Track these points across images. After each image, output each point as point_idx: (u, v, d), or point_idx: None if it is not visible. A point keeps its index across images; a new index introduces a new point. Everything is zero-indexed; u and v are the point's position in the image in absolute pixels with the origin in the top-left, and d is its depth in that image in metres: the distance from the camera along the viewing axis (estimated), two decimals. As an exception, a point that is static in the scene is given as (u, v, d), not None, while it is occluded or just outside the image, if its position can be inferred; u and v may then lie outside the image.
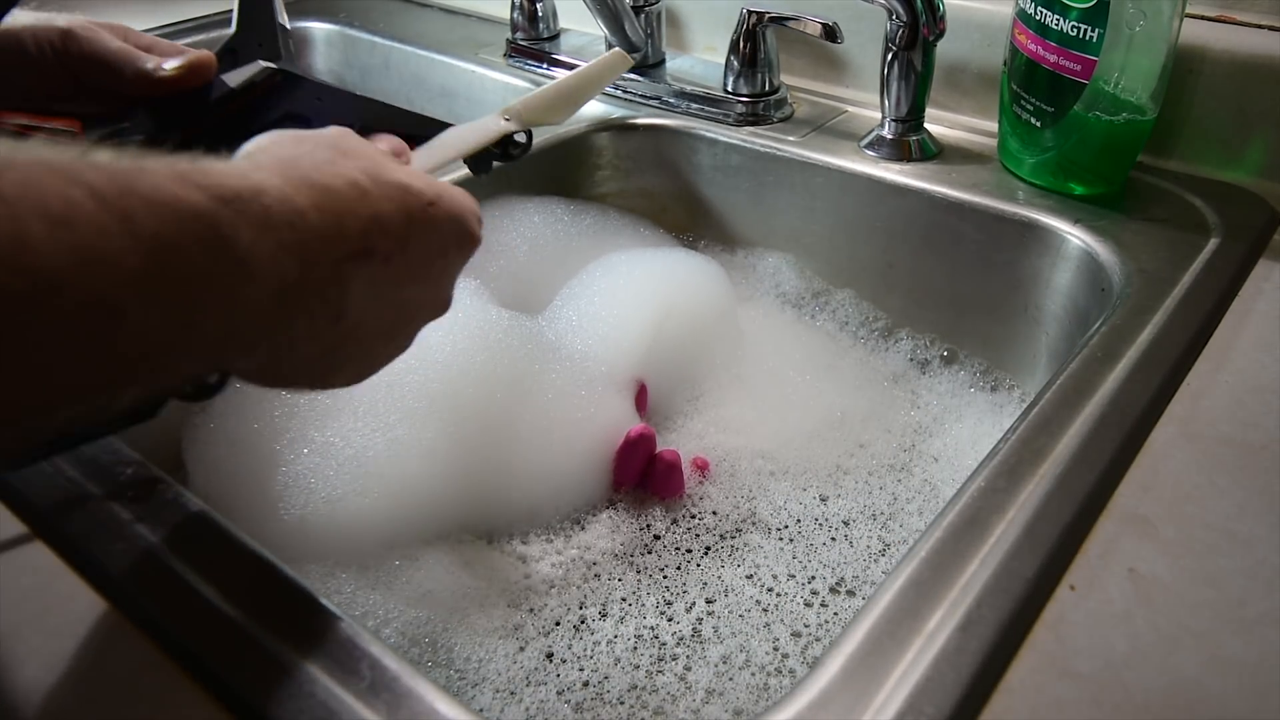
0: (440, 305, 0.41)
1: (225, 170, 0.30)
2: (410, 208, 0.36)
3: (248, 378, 0.35)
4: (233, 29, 0.52)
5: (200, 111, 0.48)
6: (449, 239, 0.39)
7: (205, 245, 0.28)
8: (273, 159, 0.34)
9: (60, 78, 0.48)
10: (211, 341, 0.29)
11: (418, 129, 0.50)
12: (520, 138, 0.51)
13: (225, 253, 0.28)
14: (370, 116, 0.49)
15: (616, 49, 0.53)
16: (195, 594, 0.37)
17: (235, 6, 0.53)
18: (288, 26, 0.53)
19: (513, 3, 0.92)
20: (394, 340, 0.40)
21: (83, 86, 0.48)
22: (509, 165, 0.52)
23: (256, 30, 0.52)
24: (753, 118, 0.79)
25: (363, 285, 0.34)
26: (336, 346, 0.35)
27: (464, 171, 0.50)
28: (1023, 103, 0.66)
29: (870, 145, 0.74)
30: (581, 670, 0.48)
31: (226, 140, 0.47)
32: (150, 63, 0.48)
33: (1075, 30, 0.61)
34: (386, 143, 0.44)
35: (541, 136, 0.78)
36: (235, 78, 0.48)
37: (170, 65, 0.48)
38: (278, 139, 0.36)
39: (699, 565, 0.55)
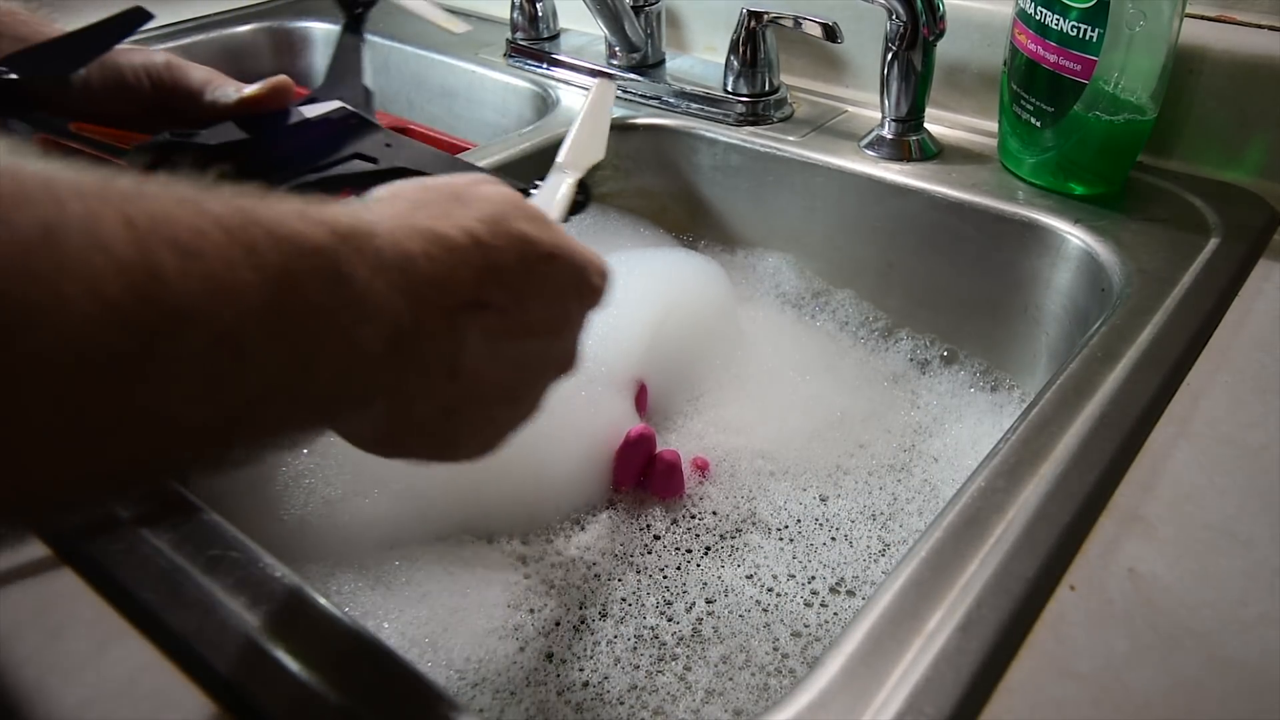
0: (565, 361, 0.39)
1: (339, 210, 0.30)
2: (528, 258, 0.35)
3: (363, 442, 0.34)
4: (321, 81, 0.54)
5: (273, 135, 0.48)
6: (569, 291, 0.37)
7: (325, 280, 0.28)
8: (388, 205, 0.33)
9: (149, 105, 0.50)
10: (326, 387, 0.29)
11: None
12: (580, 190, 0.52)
13: (343, 289, 0.28)
14: (436, 167, 0.50)
15: (600, 80, 0.54)
16: (195, 594, 0.37)
17: (329, 61, 0.56)
18: (373, 90, 0.55)
19: (513, 3, 0.92)
20: (518, 403, 0.38)
21: (168, 113, 0.49)
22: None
23: (342, 86, 0.54)
24: (753, 118, 0.79)
25: (477, 338, 0.33)
26: (455, 408, 0.34)
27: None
28: (1023, 103, 0.66)
29: (870, 145, 0.74)
30: (581, 670, 0.48)
31: (294, 167, 0.48)
32: (231, 87, 0.49)
33: (1075, 30, 0.61)
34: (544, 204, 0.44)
35: (542, 137, 0.78)
36: (312, 110, 0.49)
37: (250, 89, 0.49)
38: (400, 187, 0.36)
39: (699, 565, 0.55)
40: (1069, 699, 0.33)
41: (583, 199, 0.50)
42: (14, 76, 0.47)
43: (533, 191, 0.49)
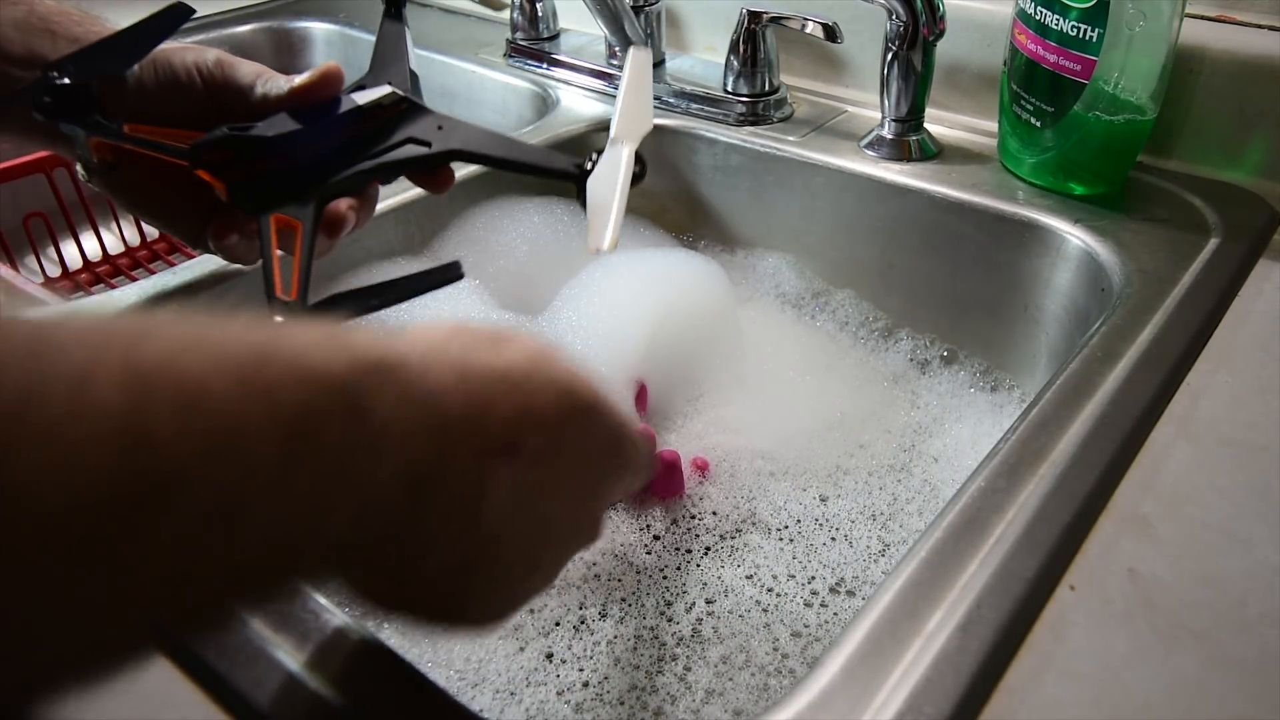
0: (589, 530, 0.37)
1: (367, 337, 0.28)
2: (567, 407, 0.32)
3: (368, 593, 0.31)
4: (367, 70, 0.54)
5: (327, 124, 0.48)
6: (605, 452, 0.35)
7: (345, 418, 0.25)
8: (422, 334, 0.31)
9: (202, 102, 0.49)
10: (336, 536, 0.26)
11: (544, 161, 0.50)
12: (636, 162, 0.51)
13: (364, 427, 0.26)
14: (492, 148, 0.50)
15: (634, 49, 0.53)
16: (195, 594, 0.37)
17: (373, 49, 0.56)
18: (418, 74, 0.54)
19: (513, 3, 0.92)
20: (536, 568, 0.35)
21: (220, 110, 0.49)
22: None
23: (388, 72, 0.54)
24: (753, 118, 0.79)
25: (505, 487, 0.30)
26: (470, 565, 0.31)
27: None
28: (1023, 103, 0.66)
29: (870, 145, 0.74)
30: (581, 670, 0.48)
31: (349, 155, 0.48)
32: (281, 80, 0.49)
33: (1075, 30, 0.61)
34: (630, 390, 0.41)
35: (542, 137, 0.78)
36: (363, 97, 0.49)
37: (300, 79, 0.49)
38: (434, 324, 0.33)
39: (699, 565, 0.55)
40: (1069, 699, 0.33)
41: (640, 170, 0.49)
42: (66, 81, 0.47)
43: (590, 166, 0.48)
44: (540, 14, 0.92)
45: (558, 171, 0.50)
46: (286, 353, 0.25)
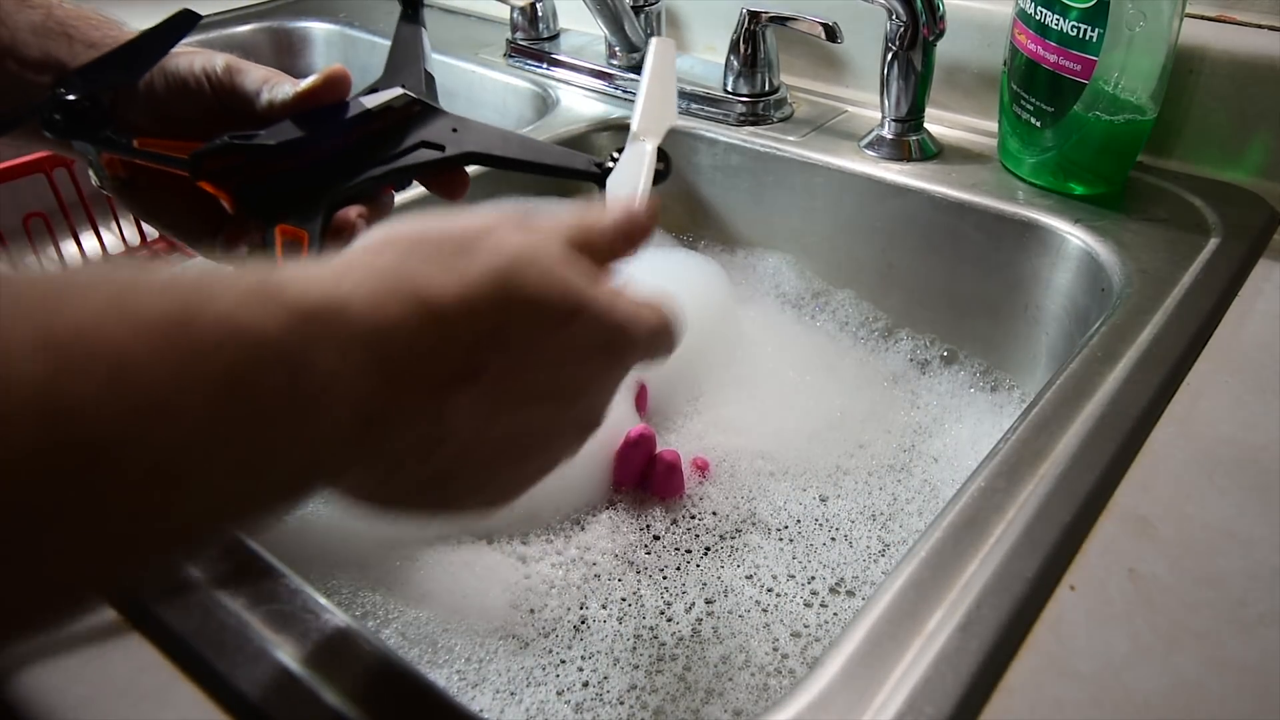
0: (585, 423, 0.36)
1: (309, 279, 0.27)
2: (537, 322, 0.31)
3: (344, 499, 0.31)
4: (381, 73, 0.53)
5: (334, 129, 0.47)
6: (591, 353, 0.33)
7: (282, 375, 0.25)
8: (372, 259, 0.29)
9: (211, 108, 0.49)
10: (291, 479, 0.26)
11: (564, 161, 0.49)
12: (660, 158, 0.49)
13: (303, 381, 0.25)
14: (509, 149, 0.49)
15: (656, 40, 0.51)
16: (196, 594, 0.37)
17: (389, 51, 0.54)
18: (434, 75, 0.53)
19: (513, 2, 0.92)
20: (525, 462, 0.34)
21: (228, 116, 0.49)
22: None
23: (403, 74, 0.52)
24: (753, 118, 0.79)
25: (467, 409, 0.30)
26: (448, 473, 0.31)
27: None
28: (1023, 103, 0.66)
29: (870, 145, 0.74)
30: (581, 670, 0.48)
31: (359, 160, 0.47)
32: (288, 84, 0.48)
33: (1075, 30, 0.61)
34: (622, 216, 0.37)
35: (542, 137, 0.78)
36: (372, 100, 0.48)
37: (305, 83, 0.47)
38: (394, 232, 0.31)
39: (699, 565, 0.55)
40: (1069, 699, 0.33)
41: (663, 167, 0.48)
42: (74, 98, 0.46)
43: (610, 165, 0.47)
44: (540, 14, 0.92)
45: (578, 172, 0.49)
46: (211, 312, 0.24)
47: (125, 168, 0.49)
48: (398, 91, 0.49)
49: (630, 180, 0.46)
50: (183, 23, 0.50)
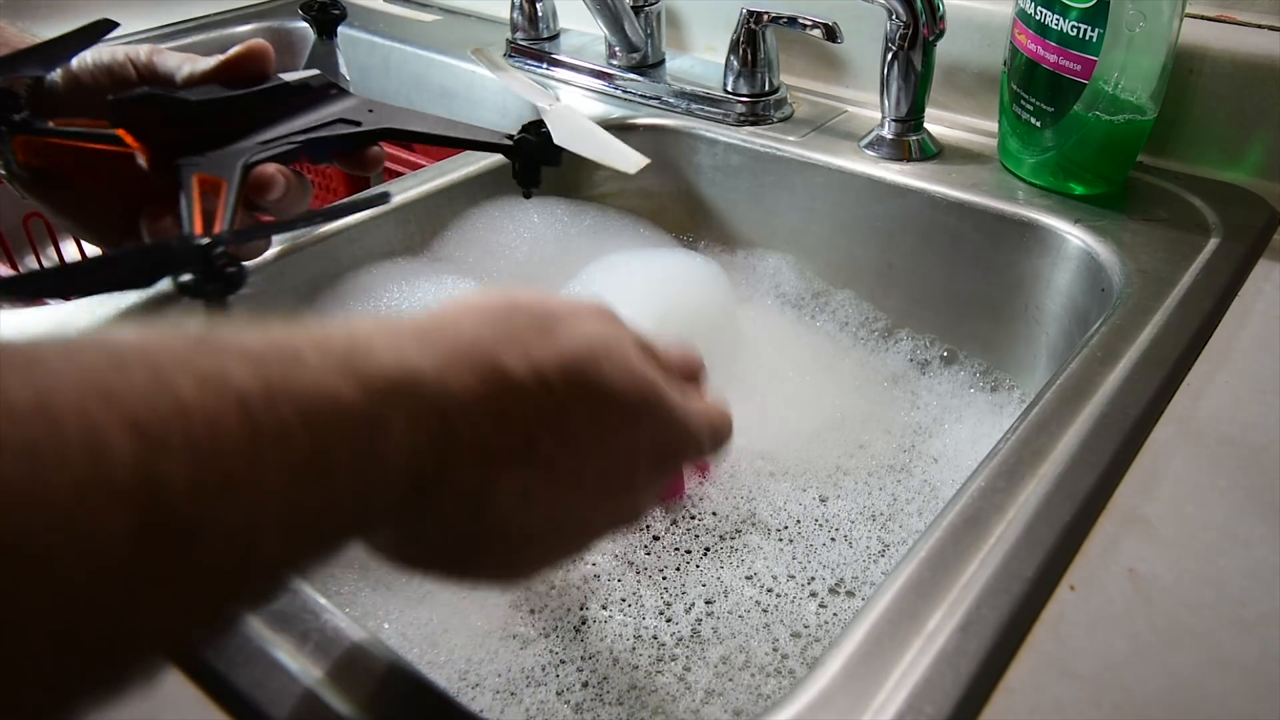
0: (625, 517, 0.35)
1: (384, 352, 0.26)
2: (603, 413, 0.30)
3: (380, 557, 0.31)
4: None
5: (255, 96, 0.48)
6: (648, 453, 0.33)
7: (356, 454, 0.25)
8: (455, 327, 0.29)
9: (134, 88, 0.49)
10: (333, 539, 0.26)
11: (475, 136, 0.51)
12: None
13: (374, 459, 0.25)
14: (423, 125, 0.50)
15: (552, 107, 0.54)
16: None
17: (304, 62, 0.56)
18: (348, 78, 0.55)
19: (513, 3, 0.92)
20: (554, 547, 0.34)
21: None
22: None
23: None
24: (753, 118, 0.79)
25: (513, 489, 0.29)
26: (474, 546, 0.31)
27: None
28: (1023, 103, 0.66)
29: (870, 145, 0.74)
30: (581, 671, 0.48)
31: (278, 127, 0.48)
32: (209, 60, 0.49)
33: (1075, 30, 0.61)
34: (681, 356, 0.37)
35: (541, 137, 0.78)
36: (291, 76, 0.49)
37: (228, 53, 0.49)
38: (487, 297, 0.31)
39: (698, 566, 0.55)
40: (1069, 699, 0.33)
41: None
42: None
43: (517, 138, 0.51)
44: (540, 14, 0.92)
45: (488, 145, 0.51)
46: (297, 389, 0.24)
47: (39, 155, 0.49)
48: (315, 72, 0.50)
49: (579, 126, 0.48)
50: (100, 29, 0.51)
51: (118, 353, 0.21)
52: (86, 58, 0.50)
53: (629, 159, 0.43)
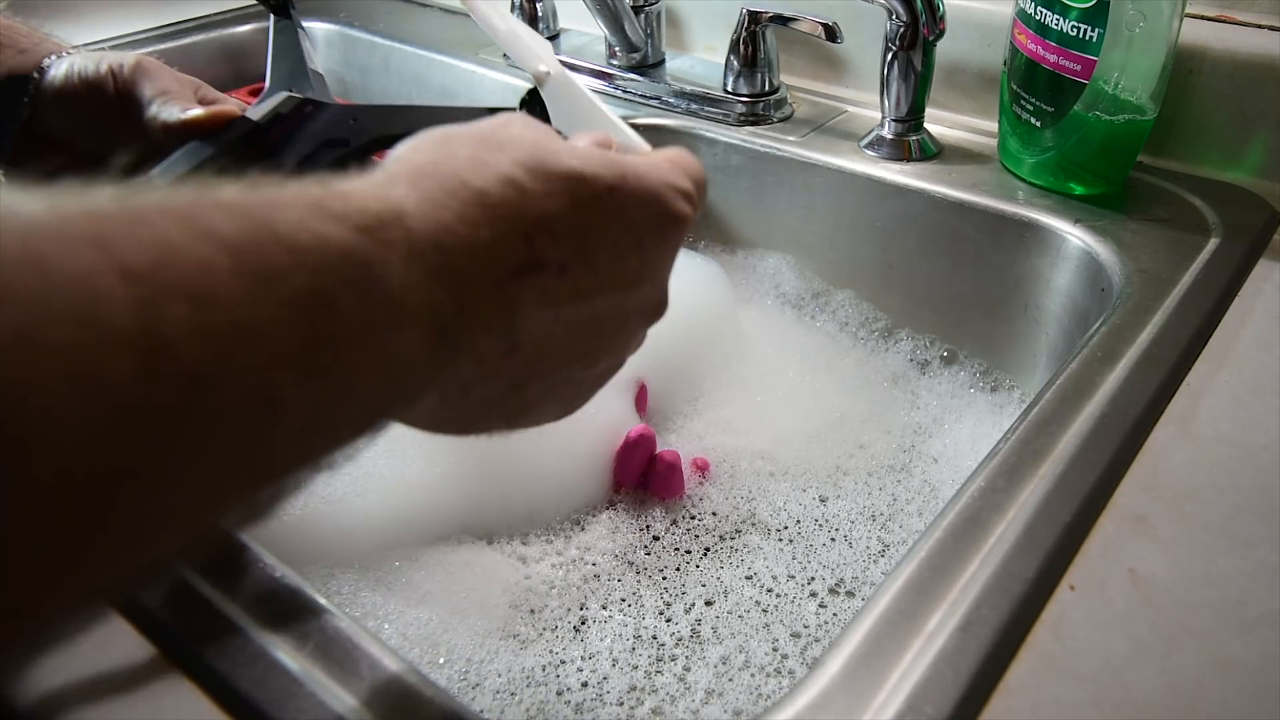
0: (652, 308, 0.35)
1: (361, 192, 0.26)
2: (584, 199, 0.30)
3: (427, 427, 0.31)
4: (266, 83, 0.51)
5: (226, 152, 0.45)
6: (643, 227, 0.32)
7: (358, 290, 0.24)
8: (409, 168, 0.29)
9: (110, 105, 0.49)
10: (372, 405, 0.25)
11: (460, 117, 0.48)
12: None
13: (379, 295, 0.24)
14: (412, 123, 0.48)
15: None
16: (196, 595, 0.37)
17: (268, 62, 0.52)
18: (320, 71, 0.52)
19: (513, 3, 0.92)
20: (596, 360, 0.34)
21: (122, 118, 0.48)
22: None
23: (288, 80, 0.51)
24: (753, 118, 0.79)
25: (536, 305, 0.29)
26: (521, 381, 0.30)
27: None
28: (1023, 103, 0.66)
29: (870, 145, 0.74)
30: (581, 670, 0.48)
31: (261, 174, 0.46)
32: (177, 107, 0.47)
33: (1075, 30, 0.61)
34: (588, 139, 0.36)
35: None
36: (257, 111, 0.46)
37: (192, 112, 0.46)
38: (417, 144, 0.30)
39: (698, 566, 0.55)
40: (1069, 699, 0.33)
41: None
42: None
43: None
44: (540, 14, 0.92)
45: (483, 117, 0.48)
46: (284, 229, 0.23)
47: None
48: (282, 96, 0.46)
49: (580, 107, 0.44)
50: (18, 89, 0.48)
51: (96, 204, 0.21)
52: (76, 63, 0.49)
53: (640, 150, 0.41)
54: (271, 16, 0.55)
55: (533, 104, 0.46)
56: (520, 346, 0.29)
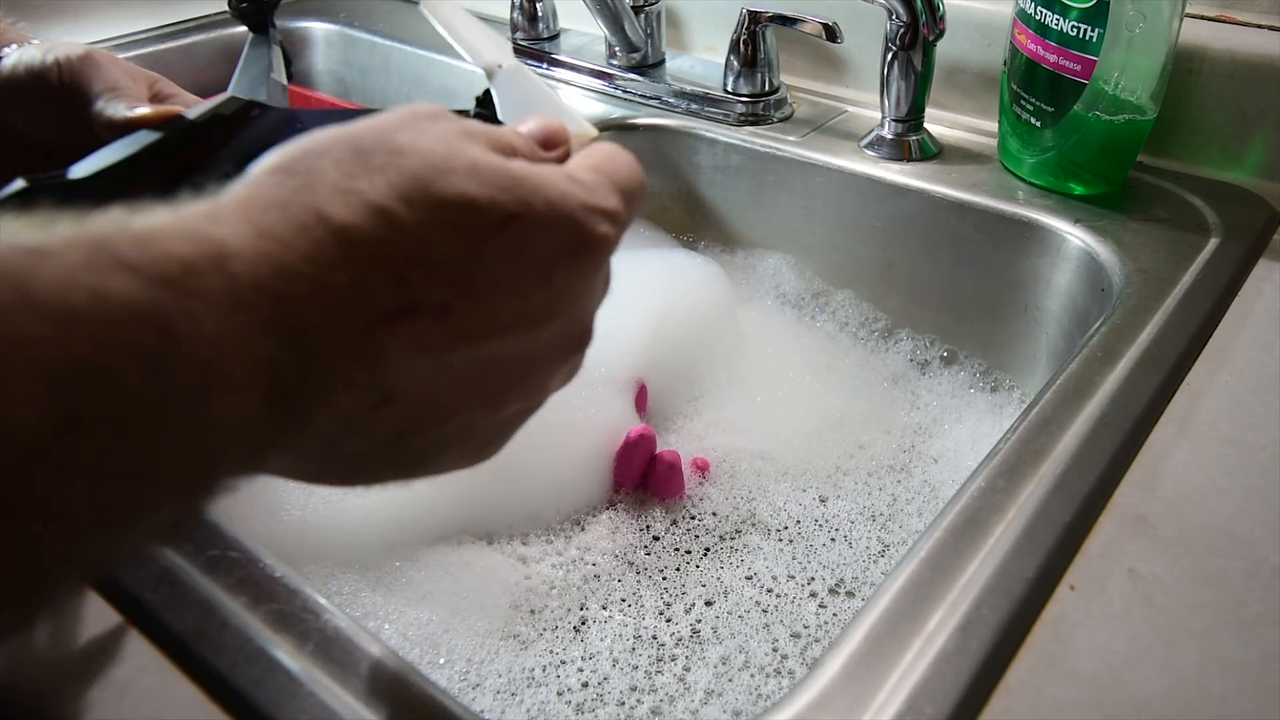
0: (571, 342, 0.30)
1: (171, 231, 0.22)
2: (474, 231, 0.25)
3: (289, 478, 0.27)
4: (229, 89, 0.48)
5: (162, 149, 0.40)
6: (551, 259, 0.27)
7: (148, 359, 0.20)
8: (250, 196, 0.24)
9: (55, 97, 0.47)
10: (192, 476, 0.22)
11: None
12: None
13: (180, 360, 0.20)
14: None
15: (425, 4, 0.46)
16: (195, 594, 0.37)
17: (235, 73, 0.50)
18: (285, 83, 0.49)
19: (513, 3, 0.92)
20: (502, 404, 0.29)
21: (67, 110, 0.46)
22: None
23: (249, 89, 0.48)
24: (753, 118, 0.79)
25: (409, 353, 0.25)
26: (406, 432, 0.26)
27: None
28: (1023, 103, 0.66)
29: (870, 145, 0.74)
30: (581, 671, 0.48)
31: (197, 178, 0.36)
32: (123, 106, 0.45)
33: (1075, 30, 0.61)
34: (536, 123, 0.31)
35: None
36: (195, 111, 0.41)
37: (138, 110, 0.44)
38: (278, 161, 0.26)
39: (698, 566, 0.55)
40: (1069, 699, 0.33)
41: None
42: None
43: (472, 113, 0.40)
44: (540, 14, 0.92)
45: None
46: (41, 291, 0.19)
47: None
48: (225, 97, 0.43)
49: (534, 95, 0.39)
50: None
51: None
52: (25, 54, 0.47)
53: (583, 123, 0.38)
54: (251, 34, 0.54)
55: (488, 101, 0.44)
56: (394, 398, 0.25)
